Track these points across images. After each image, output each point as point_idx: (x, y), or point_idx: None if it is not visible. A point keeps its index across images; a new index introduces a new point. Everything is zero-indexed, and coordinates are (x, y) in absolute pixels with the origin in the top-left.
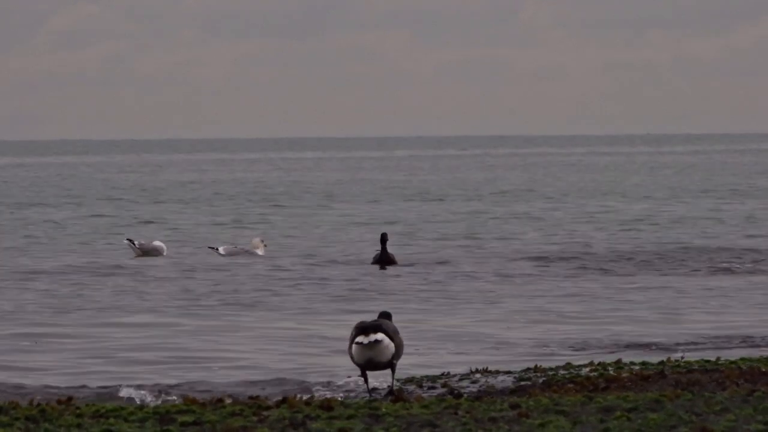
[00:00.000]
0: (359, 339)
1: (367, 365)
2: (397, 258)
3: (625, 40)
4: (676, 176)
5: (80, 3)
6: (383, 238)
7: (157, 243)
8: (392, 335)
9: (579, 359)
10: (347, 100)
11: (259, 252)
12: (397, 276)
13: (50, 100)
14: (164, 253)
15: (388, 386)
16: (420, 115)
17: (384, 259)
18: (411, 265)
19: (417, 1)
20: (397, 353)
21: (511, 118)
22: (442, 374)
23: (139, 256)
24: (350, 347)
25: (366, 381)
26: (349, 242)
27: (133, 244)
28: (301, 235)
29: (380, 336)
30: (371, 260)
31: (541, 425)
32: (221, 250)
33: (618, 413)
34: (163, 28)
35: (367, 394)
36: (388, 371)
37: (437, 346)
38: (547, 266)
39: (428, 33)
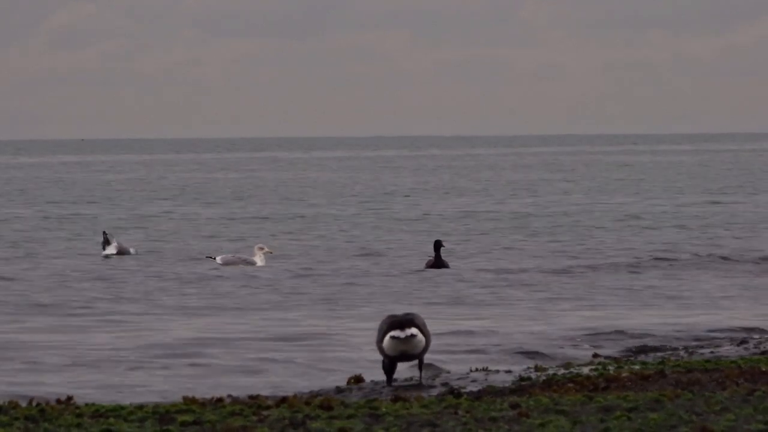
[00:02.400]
0: (395, 333)
1: (399, 358)
2: (450, 264)
3: (624, 40)
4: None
5: (79, 2)
6: (437, 245)
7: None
8: (423, 329)
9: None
10: (347, 100)
11: (258, 261)
12: (453, 278)
13: (49, 99)
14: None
15: (416, 379)
16: (420, 115)
17: (438, 265)
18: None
19: (417, 1)
20: (426, 347)
21: (510, 118)
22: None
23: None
24: (381, 340)
25: (392, 372)
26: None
27: (106, 237)
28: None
29: (415, 331)
30: (424, 266)
31: (541, 425)
32: (218, 259)
33: (618, 413)
34: (162, 28)
35: (389, 385)
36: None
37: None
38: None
39: (428, 33)
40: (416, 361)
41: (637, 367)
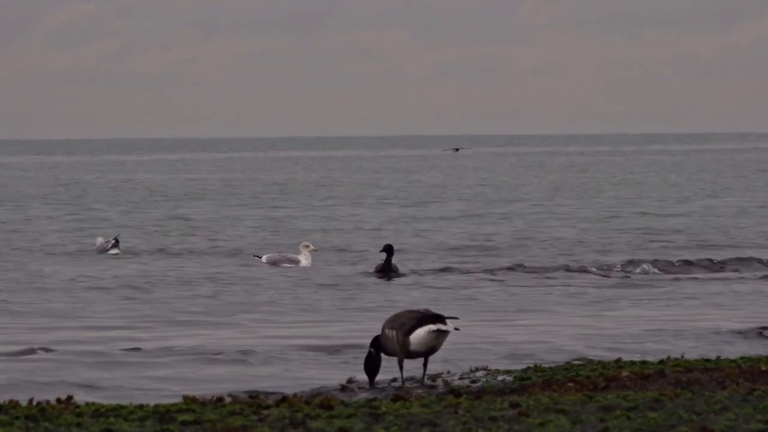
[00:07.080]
0: (438, 326)
1: (418, 354)
2: (400, 269)
3: (623, 39)
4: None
5: (78, 1)
6: (389, 250)
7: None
8: None
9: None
10: (347, 100)
11: (303, 259)
12: (405, 285)
13: (47, 98)
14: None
15: (421, 377)
16: (420, 114)
17: (387, 269)
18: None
19: (416, 0)
20: None
21: (510, 117)
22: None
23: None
24: (407, 333)
25: (402, 369)
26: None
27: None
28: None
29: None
30: (373, 270)
31: (541, 424)
32: (264, 258)
33: (618, 412)
34: (161, 27)
35: (401, 383)
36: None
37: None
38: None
39: (428, 32)
40: (416, 359)
41: (636, 366)
